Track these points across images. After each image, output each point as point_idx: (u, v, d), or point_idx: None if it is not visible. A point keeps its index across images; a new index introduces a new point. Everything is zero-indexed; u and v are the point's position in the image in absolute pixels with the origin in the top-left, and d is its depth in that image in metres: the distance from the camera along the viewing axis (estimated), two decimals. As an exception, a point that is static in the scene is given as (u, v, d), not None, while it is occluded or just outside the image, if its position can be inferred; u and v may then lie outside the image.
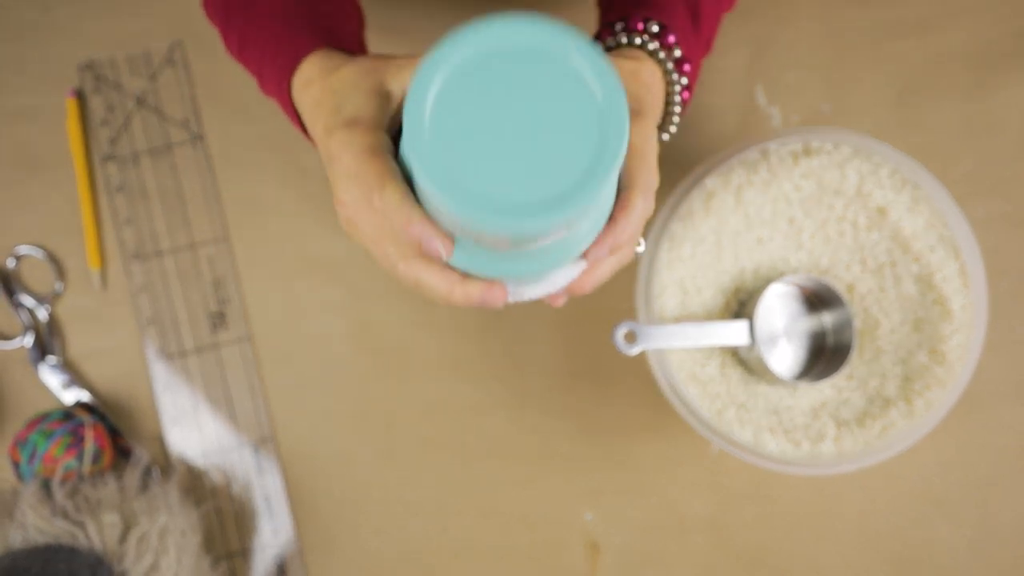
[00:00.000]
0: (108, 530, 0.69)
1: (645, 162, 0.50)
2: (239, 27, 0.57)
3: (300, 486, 0.78)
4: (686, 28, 0.57)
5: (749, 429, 0.68)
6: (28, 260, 0.79)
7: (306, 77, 0.50)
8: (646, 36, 0.55)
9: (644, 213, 0.49)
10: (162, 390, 0.78)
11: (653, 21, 0.55)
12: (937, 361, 0.68)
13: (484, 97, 0.35)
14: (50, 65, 0.80)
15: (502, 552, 0.77)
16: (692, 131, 0.78)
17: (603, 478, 0.77)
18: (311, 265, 0.78)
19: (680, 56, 0.56)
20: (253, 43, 0.55)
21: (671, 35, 0.55)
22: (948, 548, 0.75)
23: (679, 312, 0.69)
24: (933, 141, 0.77)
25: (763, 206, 0.69)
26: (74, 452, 0.73)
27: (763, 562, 0.76)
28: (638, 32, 0.55)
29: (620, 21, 0.56)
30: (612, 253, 0.48)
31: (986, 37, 0.78)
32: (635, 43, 0.55)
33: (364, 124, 0.45)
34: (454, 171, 0.34)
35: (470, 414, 0.77)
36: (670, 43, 0.55)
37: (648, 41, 0.55)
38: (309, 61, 0.51)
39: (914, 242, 0.69)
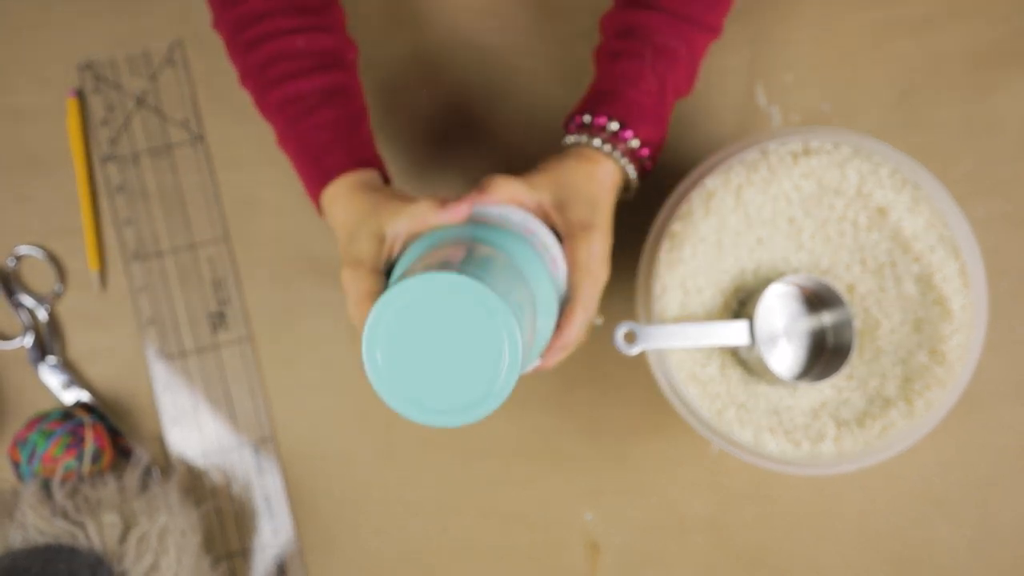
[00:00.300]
0: (108, 530, 0.69)
1: (589, 276, 0.60)
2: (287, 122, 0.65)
3: (300, 486, 0.78)
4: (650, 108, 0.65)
5: (749, 429, 0.68)
6: (28, 260, 0.79)
7: (333, 194, 0.63)
8: (604, 134, 0.64)
9: (586, 319, 0.60)
10: (162, 390, 0.78)
11: (614, 119, 0.64)
12: (937, 361, 0.68)
13: (421, 332, 0.47)
14: (50, 65, 0.80)
15: (502, 552, 0.77)
16: (692, 131, 0.78)
17: (603, 478, 0.77)
18: (311, 265, 0.78)
19: (637, 146, 0.64)
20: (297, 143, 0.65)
21: (628, 131, 0.64)
22: (948, 548, 0.75)
23: (679, 312, 0.69)
24: (933, 141, 0.77)
25: (763, 206, 0.69)
26: (74, 452, 0.73)
27: (763, 562, 0.76)
28: (599, 129, 0.64)
29: (587, 113, 0.65)
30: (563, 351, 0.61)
31: (986, 37, 0.78)
32: (593, 145, 0.63)
33: (365, 267, 0.57)
34: (397, 385, 0.48)
35: (470, 414, 0.77)
36: (626, 137, 0.64)
37: (605, 142, 0.64)
38: (336, 183, 0.63)
39: (914, 242, 0.69)
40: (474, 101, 0.79)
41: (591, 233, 0.60)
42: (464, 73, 0.79)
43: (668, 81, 0.65)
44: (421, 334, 0.47)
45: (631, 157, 0.64)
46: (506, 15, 0.79)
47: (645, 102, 0.64)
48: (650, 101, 0.64)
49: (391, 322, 0.47)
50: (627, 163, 0.64)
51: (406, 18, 0.80)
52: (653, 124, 0.65)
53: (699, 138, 0.78)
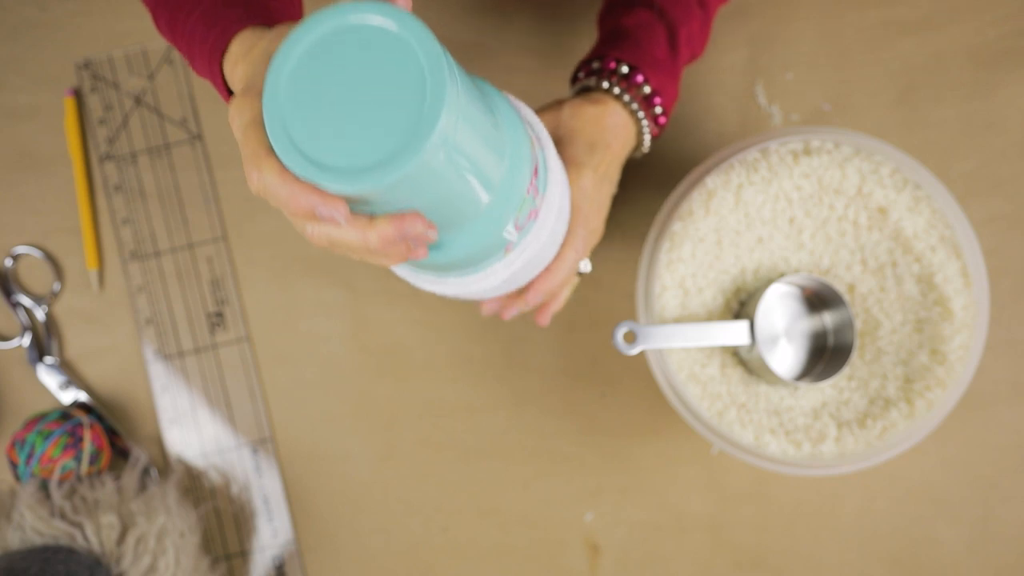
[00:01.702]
0: (106, 531, 0.68)
1: (578, 214, 0.56)
2: (168, 5, 0.54)
3: (299, 486, 0.77)
4: (661, 58, 0.61)
5: (750, 430, 0.68)
6: (26, 260, 0.79)
7: (234, 57, 0.49)
8: (614, 78, 0.60)
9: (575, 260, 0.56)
10: (160, 390, 0.78)
11: (624, 63, 0.60)
12: (938, 361, 0.68)
13: (330, 74, 0.38)
14: (48, 64, 0.80)
15: (502, 552, 0.76)
16: (692, 130, 0.78)
17: (603, 478, 0.76)
18: (310, 265, 0.78)
19: (650, 91, 0.60)
20: (183, 22, 0.53)
21: (639, 75, 0.60)
22: (948, 548, 0.75)
23: (679, 312, 0.69)
24: (934, 140, 0.77)
25: (763, 206, 0.69)
26: (72, 452, 0.72)
27: (763, 562, 0.76)
28: (609, 72, 0.60)
29: (597, 59, 0.61)
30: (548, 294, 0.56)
31: (987, 36, 0.78)
32: (603, 87, 0.60)
33: (257, 89, 0.43)
34: (299, 140, 0.38)
35: (470, 414, 0.77)
36: (638, 82, 0.60)
37: (614, 84, 0.60)
38: (238, 40, 0.49)
39: (915, 242, 0.69)
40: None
41: (581, 171, 0.57)
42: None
43: (680, 35, 0.62)
44: (329, 78, 0.38)
45: (643, 105, 0.61)
46: (506, 15, 0.79)
47: (657, 53, 0.61)
48: (662, 52, 0.61)
49: (294, 70, 0.39)
50: (638, 110, 0.61)
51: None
52: (665, 76, 0.61)
53: (699, 138, 0.77)
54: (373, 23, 0.38)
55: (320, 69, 0.39)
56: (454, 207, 0.44)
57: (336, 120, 0.38)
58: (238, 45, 0.49)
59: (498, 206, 0.46)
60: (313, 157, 0.38)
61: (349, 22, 0.39)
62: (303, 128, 0.38)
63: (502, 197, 0.46)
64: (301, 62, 0.39)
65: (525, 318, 0.77)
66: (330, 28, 0.39)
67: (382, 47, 0.38)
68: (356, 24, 0.39)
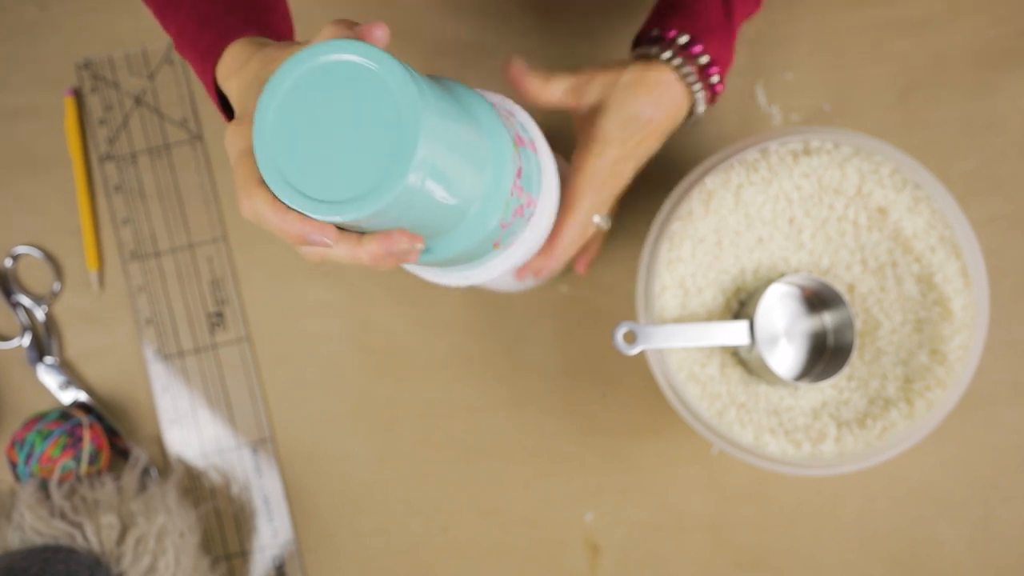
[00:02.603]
0: (106, 531, 0.68)
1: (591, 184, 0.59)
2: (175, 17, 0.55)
3: (299, 486, 0.77)
4: (717, 24, 0.63)
5: (750, 430, 0.68)
6: (26, 260, 0.79)
7: (227, 69, 0.50)
8: (674, 48, 0.62)
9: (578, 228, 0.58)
10: (160, 390, 0.78)
11: (684, 32, 0.62)
12: (938, 361, 0.68)
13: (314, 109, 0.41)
14: (48, 64, 0.80)
15: (502, 552, 0.76)
16: (692, 130, 0.78)
17: (603, 478, 0.76)
18: (310, 265, 0.78)
19: (707, 62, 0.62)
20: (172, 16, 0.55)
21: (697, 45, 0.61)
22: (948, 548, 0.75)
23: (679, 312, 0.69)
24: (934, 140, 0.77)
25: (763, 206, 0.69)
26: (72, 452, 0.72)
27: (763, 562, 0.76)
28: (668, 42, 0.62)
29: (656, 28, 0.63)
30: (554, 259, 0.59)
31: (987, 36, 0.78)
32: (662, 57, 0.61)
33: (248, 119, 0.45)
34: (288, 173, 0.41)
35: (470, 414, 0.77)
36: (695, 53, 0.61)
37: (675, 55, 0.62)
38: (229, 52, 0.51)
39: (915, 242, 0.69)
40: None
41: (605, 147, 0.59)
42: (464, 73, 0.79)
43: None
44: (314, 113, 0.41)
45: (700, 75, 0.63)
46: (506, 15, 0.79)
47: (713, 17, 0.62)
48: (718, 17, 0.63)
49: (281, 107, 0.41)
50: (695, 82, 0.63)
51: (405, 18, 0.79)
52: (721, 41, 0.63)
53: (699, 137, 0.77)
54: (352, 60, 0.41)
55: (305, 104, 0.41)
56: (437, 220, 0.46)
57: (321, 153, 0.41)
58: (231, 57, 0.50)
59: (481, 212, 0.49)
60: (301, 188, 0.41)
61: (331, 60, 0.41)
62: (291, 161, 0.41)
63: (485, 204, 0.49)
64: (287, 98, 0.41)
65: (525, 318, 0.77)
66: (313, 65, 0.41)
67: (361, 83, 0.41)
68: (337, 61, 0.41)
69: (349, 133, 0.41)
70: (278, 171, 0.41)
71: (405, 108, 0.40)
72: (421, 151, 0.40)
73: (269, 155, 0.41)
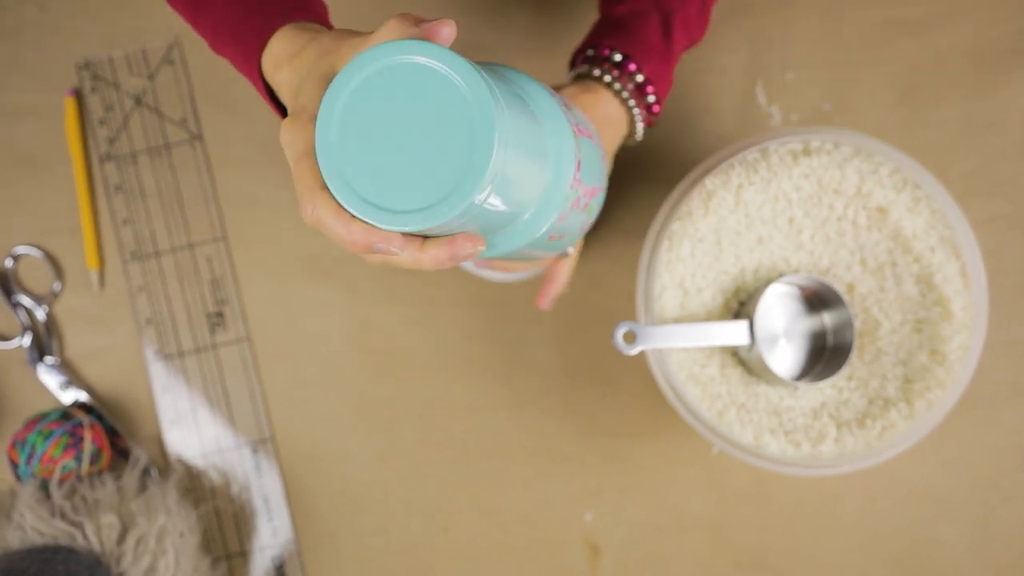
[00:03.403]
0: (106, 531, 0.69)
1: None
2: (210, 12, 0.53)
3: (299, 486, 0.77)
4: (655, 45, 0.62)
5: (750, 430, 0.68)
6: (26, 260, 0.79)
7: (276, 58, 0.48)
8: (607, 66, 0.61)
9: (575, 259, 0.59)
10: (161, 391, 0.78)
11: (617, 51, 0.60)
12: (938, 362, 0.68)
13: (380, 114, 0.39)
14: (48, 64, 0.80)
15: (502, 552, 0.76)
16: (691, 130, 0.78)
17: (603, 478, 0.76)
18: (310, 265, 0.78)
19: (643, 80, 0.61)
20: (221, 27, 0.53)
21: (632, 63, 0.60)
22: (948, 548, 0.75)
23: (679, 312, 0.69)
24: (934, 141, 0.77)
25: (763, 206, 0.69)
26: (72, 452, 0.72)
27: (763, 562, 0.76)
28: (602, 60, 0.61)
29: (591, 47, 0.62)
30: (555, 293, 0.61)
31: (987, 36, 0.77)
32: (594, 75, 0.61)
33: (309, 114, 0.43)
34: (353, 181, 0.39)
35: (470, 414, 0.77)
36: (631, 71, 0.61)
37: (606, 72, 0.61)
38: (277, 39, 0.48)
39: (915, 242, 0.69)
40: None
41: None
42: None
43: (676, 21, 0.63)
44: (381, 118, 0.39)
45: (635, 94, 0.62)
46: (506, 15, 0.79)
47: (651, 39, 0.62)
48: (656, 39, 0.62)
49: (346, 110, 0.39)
50: (630, 98, 0.62)
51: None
52: (659, 63, 0.62)
53: (699, 138, 0.77)
54: (419, 62, 0.39)
55: (371, 108, 0.39)
56: (501, 222, 0.45)
57: (388, 161, 0.39)
58: (281, 44, 0.48)
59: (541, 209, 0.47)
60: (368, 197, 0.39)
61: (396, 61, 0.39)
62: (356, 169, 0.39)
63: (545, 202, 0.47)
64: (352, 101, 0.40)
65: (525, 318, 0.77)
66: (380, 67, 0.39)
67: (431, 87, 0.39)
68: (403, 63, 0.39)
69: (418, 140, 0.39)
70: (343, 179, 0.39)
71: (479, 116, 0.39)
72: (493, 163, 0.38)
73: (334, 162, 0.40)
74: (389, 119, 0.39)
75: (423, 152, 0.39)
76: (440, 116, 0.39)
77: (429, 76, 0.39)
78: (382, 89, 0.39)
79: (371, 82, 0.39)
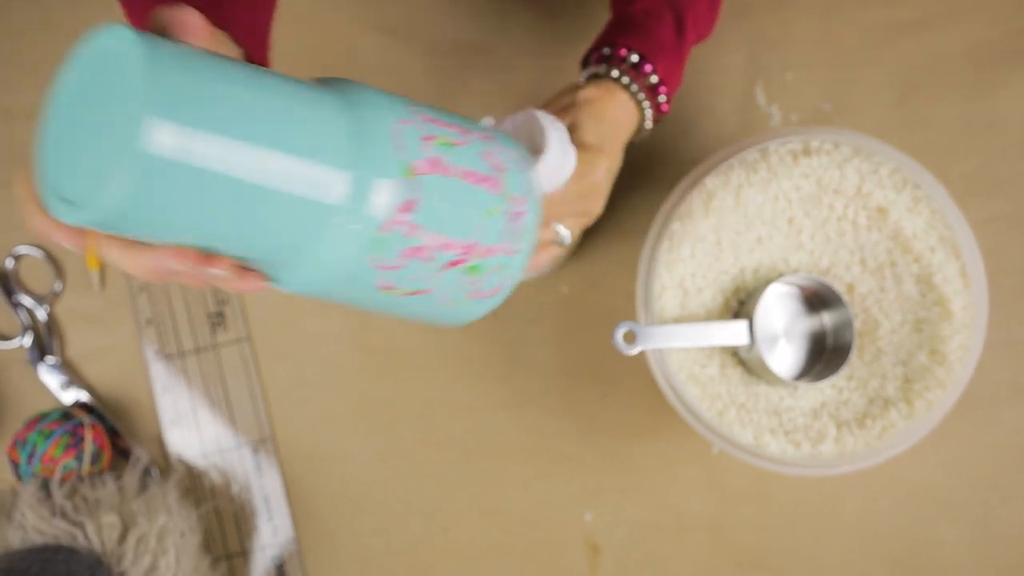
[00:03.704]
0: (107, 531, 0.69)
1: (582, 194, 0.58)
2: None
3: (299, 486, 0.77)
4: (669, 44, 0.63)
5: (750, 430, 0.68)
6: (27, 260, 0.79)
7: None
8: (624, 67, 0.62)
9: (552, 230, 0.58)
10: (161, 390, 0.78)
11: (634, 52, 0.62)
12: (938, 362, 0.68)
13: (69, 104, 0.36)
14: (48, 64, 0.80)
15: (502, 552, 0.76)
16: (691, 130, 0.78)
17: (603, 478, 0.76)
18: (310, 265, 0.78)
19: (656, 82, 0.63)
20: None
21: (647, 64, 0.61)
22: (949, 548, 0.75)
23: (679, 312, 0.69)
24: (933, 141, 0.77)
25: (763, 206, 0.69)
26: (73, 452, 0.72)
27: (763, 562, 0.76)
28: (619, 60, 0.62)
29: (607, 46, 0.63)
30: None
31: (987, 36, 0.77)
32: (612, 75, 0.62)
33: None
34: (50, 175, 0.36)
35: (470, 414, 0.77)
36: (646, 72, 0.62)
37: (623, 74, 0.62)
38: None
39: (914, 242, 0.69)
40: (474, 101, 0.79)
41: (598, 157, 0.59)
42: (465, 72, 0.79)
43: (688, 18, 0.64)
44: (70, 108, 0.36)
45: (648, 94, 0.63)
46: (506, 15, 0.79)
47: (665, 38, 0.63)
48: (670, 38, 0.63)
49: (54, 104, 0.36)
50: (644, 99, 0.63)
51: (405, 19, 0.80)
52: (672, 62, 0.63)
53: (699, 138, 0.77)
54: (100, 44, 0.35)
55: (66, 100, 0.36)
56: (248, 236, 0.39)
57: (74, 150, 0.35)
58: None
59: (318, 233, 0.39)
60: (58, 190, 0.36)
61: (87, 49, 0.36)
62: (52, 162, 0.36)
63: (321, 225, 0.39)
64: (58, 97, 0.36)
65: (525, 318, 0.77)
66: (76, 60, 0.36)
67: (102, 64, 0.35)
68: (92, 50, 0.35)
69: (90, 121, 0.34)
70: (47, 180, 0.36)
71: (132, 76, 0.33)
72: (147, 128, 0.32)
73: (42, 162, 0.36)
74: (74, 107, 0.36)
75: (92, 133, 0.34)
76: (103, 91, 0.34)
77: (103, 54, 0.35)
78: (75, 81, 0.36)
79: (70, 76, 0.36)
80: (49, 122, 0.36)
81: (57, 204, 0.35)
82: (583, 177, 0.58)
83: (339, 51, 0.79)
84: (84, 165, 0.34)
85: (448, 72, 0.79)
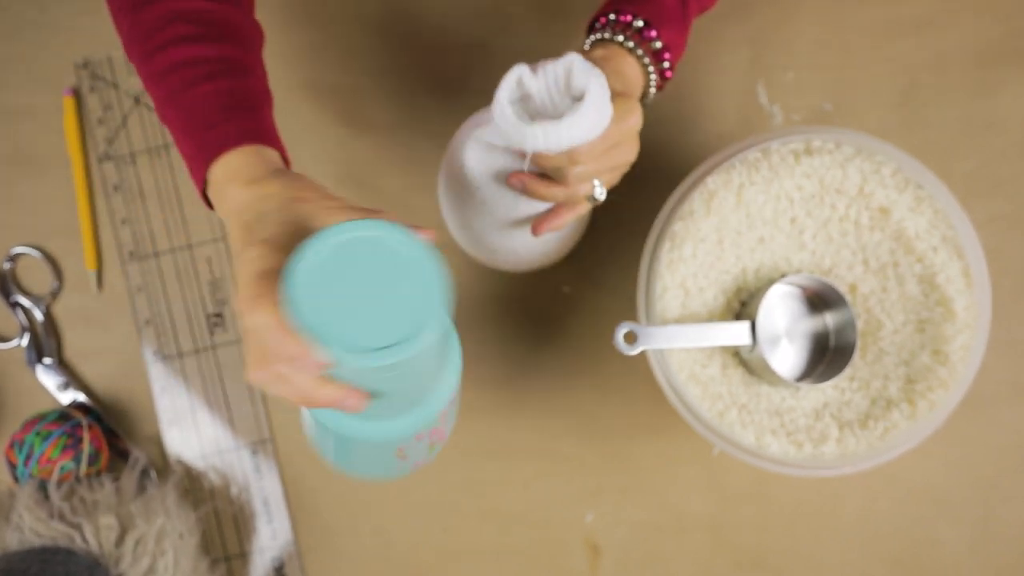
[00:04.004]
0: (105, 532, 0.68)
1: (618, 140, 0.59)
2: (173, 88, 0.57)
3: (298, 487, 0.77)
4: (673, 11, 0.64)
5: (751, 431, 0.68)
6: (24, 260, 0.79)
7: (232, 171, 0.53)
8: (629, 31, 0.63)
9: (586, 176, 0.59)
10: (160, 391, 0.78)
11: (639, 17, 0.63)
12: (940, 362, 0.68)
13: (345, 273, 0.45)
14: (47, 64, 0.80)
15: (502, 552, 0.76)
16: (693, 130, 0.77)
17: (603, 478, 0.76)
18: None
19: (660, 47, 0.64)
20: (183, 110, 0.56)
21: (652, 30, 0.63)
22: (950, 549, 0.75)
23: (680, 312, 0.69)
24: (935, 140, 0.77)
25: (765, 206, 0.69)
26: (71, 453, 0.72)
27: (763, 562, 0.76)
28: (624, 25, 0.63)
29: (613, 12, 0.64)
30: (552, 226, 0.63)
31: (988, 36, 0.77)
32: (617, 40, 0.63)
33: (274, 243, 0.48)
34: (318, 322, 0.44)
35: (470, 414, 0.77)
36: (651, 37, 0.63)
37: (628, 38, 0.63)
38: (238, 155, 0.54)
39: (917, 242, 0.69)
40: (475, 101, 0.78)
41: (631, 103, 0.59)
42: (465, 72, 0.79)
43: None
44: (346, 277, 0.45)
45: (653, 59, 0.64)
46: (506, 15, 0.79)
47: (669, 5, 0.64)
48: (674, 5, 0.64)
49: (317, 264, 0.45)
50: (649, 63, 0.64)
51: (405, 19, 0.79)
52: (676, 30, 0.64)
53: (700, 137, 0.77)
54: (377, 236, 0.46)
55: (337, 268, 0.45)
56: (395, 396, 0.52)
57: (350, 310, 0.45)
58: (240, 160, 0.53)
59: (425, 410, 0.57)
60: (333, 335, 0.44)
61: (361, 235, 0.46)
62: (320, 312, 0.44)
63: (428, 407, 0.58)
64: (322, 259, 0.45)
65: (526, 318, 0.77)
66: (356, 236, 0.46)
67: (384, 255, 0.46)
68: (366, 236, 0.46)
69: (376, 297, 0.45)
70: (311, 317, 0.44)
71: (429, 278, 0.45)
72: (443, 311, 0.45)
73: (304, 301, 0.44)
74: (352, 278, 0.45)
75: (381, 307, 0.45)
76: (395, 277, 0.45)
77: (385, 247, 0.46)
78: (348, 254, 0.45)
79: (341, 247, 0.45)
80: (323, 282, 0.45)
81: (338, 348, 0.44)
82: (620, 121, 0.58)
83: (339, 51, 0.79)
84: (375, 327, 0.44)
85: (448, 72, 0.79)
